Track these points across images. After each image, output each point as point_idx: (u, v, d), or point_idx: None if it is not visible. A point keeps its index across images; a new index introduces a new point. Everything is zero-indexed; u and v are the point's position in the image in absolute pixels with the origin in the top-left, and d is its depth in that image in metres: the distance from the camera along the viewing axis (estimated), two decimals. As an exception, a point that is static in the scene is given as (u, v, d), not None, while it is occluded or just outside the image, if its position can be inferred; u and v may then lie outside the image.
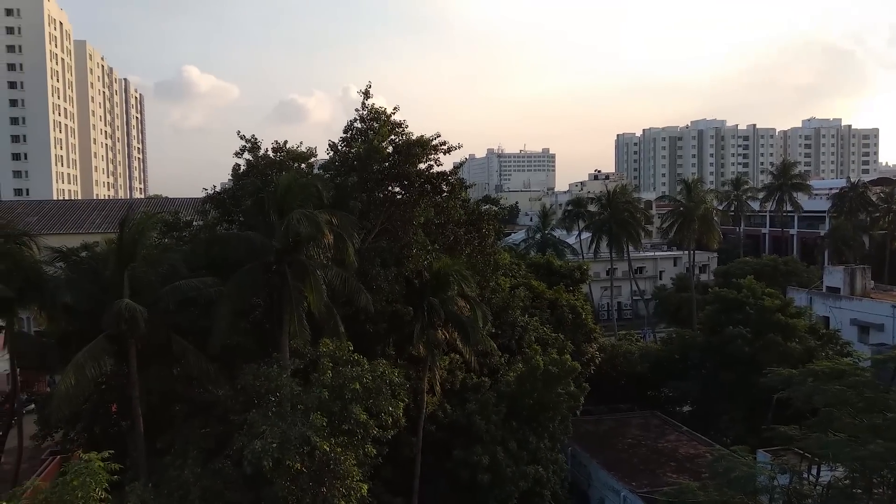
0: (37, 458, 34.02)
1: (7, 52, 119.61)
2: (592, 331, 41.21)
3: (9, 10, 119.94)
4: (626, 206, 73.23)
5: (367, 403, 21.94)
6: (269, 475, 19.33)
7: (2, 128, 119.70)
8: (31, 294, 25.29)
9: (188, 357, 22.50)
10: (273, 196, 24.39)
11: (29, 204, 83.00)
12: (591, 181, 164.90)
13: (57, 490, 9.35)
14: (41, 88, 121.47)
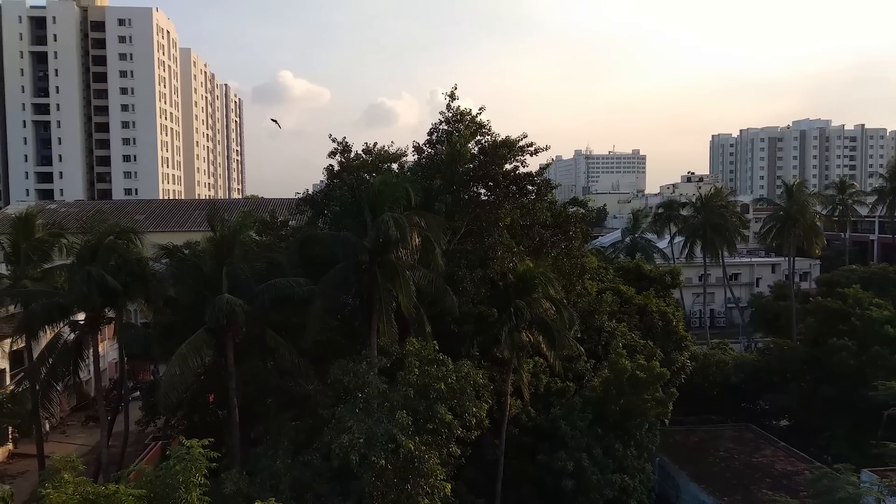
0: (140, 443, 36.19)
1: (119, 59, 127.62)
2: (683, 338, 39.86)
3: (121, 21, 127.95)
4: (721, 209, 70.37)
5: (451, 403, 22.06)
6: (356, 470, 19.78)
7: (114, 131, 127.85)
8: (138, 288, 26.88)
9: (281, 351, 23.30)
10: (365, 197, 24.96)
11: (137, 203, 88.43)
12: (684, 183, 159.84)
13: (161, 474, 9.89)
14: (149, 94, 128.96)
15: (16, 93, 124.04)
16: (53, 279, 28.36)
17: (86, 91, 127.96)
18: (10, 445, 37.09)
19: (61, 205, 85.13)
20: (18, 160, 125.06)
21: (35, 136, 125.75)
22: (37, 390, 27.19)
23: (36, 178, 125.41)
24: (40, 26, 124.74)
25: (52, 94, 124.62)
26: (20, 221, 29.71)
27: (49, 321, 26.24)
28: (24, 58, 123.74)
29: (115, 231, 27.65)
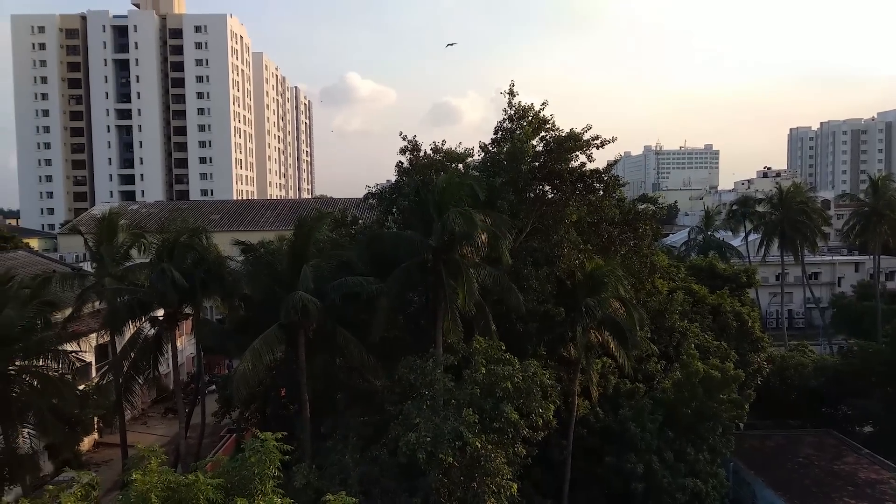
0: (216, 434, 37.47)
1: (196, 65, 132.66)
2: (760, 339, 38.43)
3: (198, 27, 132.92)
4: (800, 205, 67.50)
5: (517, 403, 21.95)
6: (423, 466, 19.91)
7: (191, 134, 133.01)
8: (215, 285, 27.85)
9: (350, 348, 23.69)
10: (431, 195, 25.09)
11: (213, 203, 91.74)
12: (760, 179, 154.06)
13: (237, 465, 10.21)
14: (224, 98, 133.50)
15: (100, 99, 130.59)
16: (134, 277, 29.68)
17: (165, 96, 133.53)
18: (96, 435, 39.01)
19: (142, 205, 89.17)
20: (103, 163, 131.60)
21: (118, 140, 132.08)
22: (120, 383, 28.52)
23: (119, 180, 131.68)
24: (122, 35, 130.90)
25: (134, 99, 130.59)
26: (104, 222, 31.13)
27: (131, 317, 27.52)
28: (108, 65, 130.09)
29: (191, 230, 28.69)
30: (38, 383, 22.56)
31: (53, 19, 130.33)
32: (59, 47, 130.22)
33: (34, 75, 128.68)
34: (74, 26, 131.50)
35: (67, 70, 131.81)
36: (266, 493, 9.65)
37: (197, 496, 8.72)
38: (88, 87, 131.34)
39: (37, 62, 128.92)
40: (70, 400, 23.81)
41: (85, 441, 36.74)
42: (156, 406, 46.25)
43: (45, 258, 56.22)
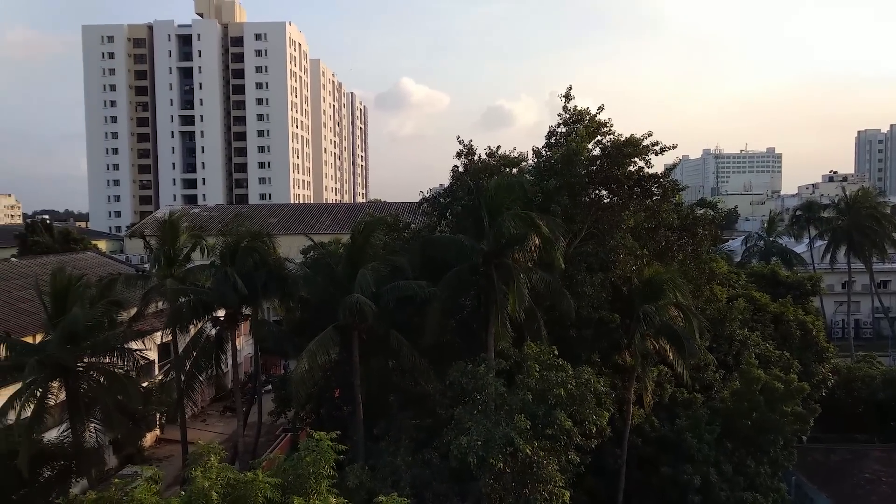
0: (272, 433, 38.21)
1: (256, 72, 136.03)
2: (825, 350, 37.06)
3: (258, 35, 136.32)
4: (869, 210, 64.82)
5: (570, 410, 21.70)
6: (474, 471, 19.88)
7: (251, 140, 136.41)
8: (273, 287, 28.48)
9: (403, 351, 23.86)
10: (483, 199, 25.08)
11: (271, 207, 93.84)
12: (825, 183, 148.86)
13: (292, 464, 10.41)
14: (282, 104, 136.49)
15: (165, 106, 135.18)
16: (195, 278, 30.58)
17: (226, 103, 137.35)
18: (158, 431, 40.30)
19: (203, 209, 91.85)
20: (167, 168, 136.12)
21: (182, 145, 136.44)
22: (182, 380, 29.40)
23: (182, 184, 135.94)
24: (186, 44, 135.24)
25: (197, 106, 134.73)
26: (166, 225, 32.19)
27: (195, 317, 28.39)
28: (173, 73, 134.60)
29: (253, 234, 29.42)
30: (104, 380, 23.40)
31: (122, 29, 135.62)
32: (126, 56, 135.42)
33: (104, 83, 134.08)
34: (141, 36, 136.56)
35: (135, 78, 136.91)
36: (321, 493, 9.80)
37: (255, 494, 8.93)
38: (154, 95, 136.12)
39: (106, 71, 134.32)
40: (134, 396, 24.63)
41: (147, 437, 38.01)
42: (214, 404, 47.46)
43: (112, 259, 58.52)
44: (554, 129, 31.76)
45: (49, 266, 33.90)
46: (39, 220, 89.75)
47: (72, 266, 38.04)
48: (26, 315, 34.01)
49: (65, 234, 74.20)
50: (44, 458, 22.18)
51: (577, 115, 31.01)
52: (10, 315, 35.24)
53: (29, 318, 33.33)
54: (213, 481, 8.63)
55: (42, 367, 21.22)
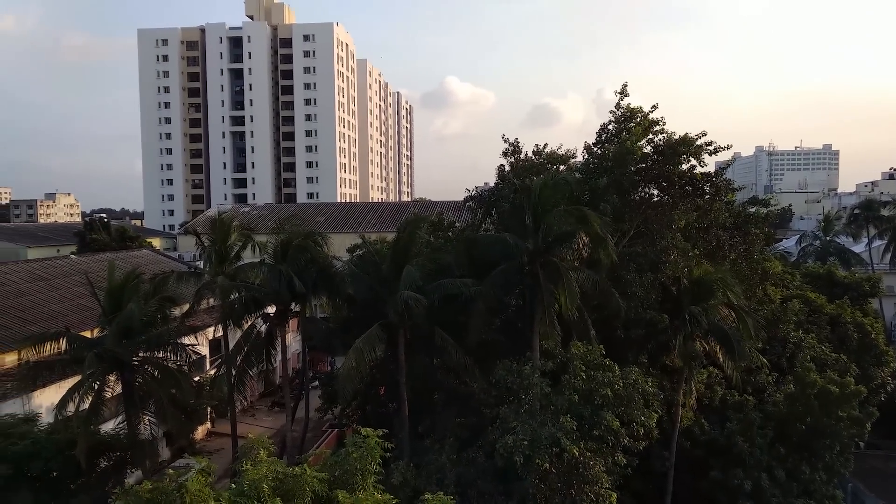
0: (318, 429, 38.71)
1: (304, 73, 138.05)
2: (884, 353, 35.74)
3: (306, 36, 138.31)
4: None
5: (618, 411, 21.41)
6: (520, 471, 19.78)
7: (299, 140, 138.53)
8: (322, 285, 28.88)
9: (448, 349, 23.89)
10: (529, 198, 24.93)
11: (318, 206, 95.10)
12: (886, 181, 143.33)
13: (339, 460, 10.52)
14: (329, 104, 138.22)
15: (216, 106, 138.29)
16: (245, 276, 31.17)
17: (275, 103, 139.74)
18: (209, 425, 41.24)
19: (253, 208, 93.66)
20: (218, 167, 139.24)
21: (232, 145, 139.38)
22: (233, 375, 30.02)
23: (233, 183, 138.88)
24: (237, 46, 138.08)
25: (247, 106, 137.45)
26: (218, 223, 32.88)
27: (246, 313, 28.99)
28: (224, 75, 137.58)
29: (304, 233, 29.88)
30: (158, 374, 24.01)
31: (176, 32, 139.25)
32: (180, 59, 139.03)
33: (158, 85, 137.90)
34: (194, 39, 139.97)
35: (187, 80, 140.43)
36: (367, 489, 9.88)
37: (304, 488, 9.07)
38: (206, 96, 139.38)
39: (160, 73, 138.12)
40: (187, 390, 25.22)
41: (199, 430, 38.90)
42: (263, 399, 48.33)
43: (166, 256, 60.18)
44: (605, 127, 31.42)
45: (106, 263, 34.99)
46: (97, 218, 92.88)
47: (127, 263, 39.27)
48: (85, 310, 35.14)
49: (121, 232, 76.60)
50: (101, 448, 22.90)
51: (630, 112, 30.60)
52: (69, 310, 36.55)
53: (87, 314, 34.42)
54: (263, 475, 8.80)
55: (99, 360, 21.90)
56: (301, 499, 9.04)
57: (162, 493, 8.68)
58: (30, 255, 71.26)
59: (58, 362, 22.93)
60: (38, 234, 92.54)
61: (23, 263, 46.33)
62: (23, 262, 49.01)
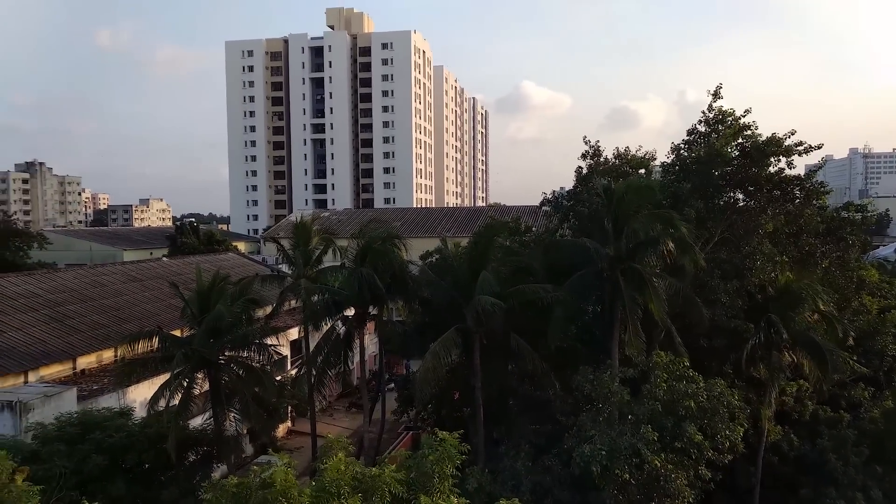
0: (394, 431, 39.13)
1: (382, 80, 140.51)
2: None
3: (384, 45, 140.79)
4: None
5: (701, 423, 20.74)
6: (597, 480, 19.41)
7: (377, 146, 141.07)
8: (399, 288, 29.26)
9: (524, 355, 23.72)
10: (609, 202, 24.50)
11: (394, 211, 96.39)
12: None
13: (416, 462, 10.60)
14: (406, 110, 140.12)
15: (298, 115, 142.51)
16: (325, 279, 31.93)
17: (354, 111, 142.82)
18: (289, 423, 42.37)
19: (332, 213, 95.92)
20: (300, 174, 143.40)
21: (313, 152, 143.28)
22: (313, 376, 30.78)
23: (313, 189, 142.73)
24: (318, 55, 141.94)
25: (327, 114, 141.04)
26: (299, 228, 33.84)
27: (326, 315, 29.71)
28: (306, 84, 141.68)
29: (384, 237, 30.39)
30: (243, 372, 24.88)
31: (261, 44, 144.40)
32: (264, 69, 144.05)
33: (243, 95, 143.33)
34: (278, 49, 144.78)
35: (271, 89, 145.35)
36: (444, 492, 9.91)
37: (382, 489, 9.19)
38: (288, 105, 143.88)
39: (246, 83, 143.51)
40: (270, 389, 26.02)
41: (280, 428, 40.04)
42: (341, 400, 49.28)
43: (250, 260, 62.41)
44: (694, 128, 30.57)
45: (195, 265, 36.62)
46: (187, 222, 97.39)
47: (214, 266, 40.91)
48: (175, 310, 36.71)
49: (209, 236, 79.98)
50: (189, 443, 23.87)
51: (721, 115, 29.66)
52: (161, 310, 38.39)
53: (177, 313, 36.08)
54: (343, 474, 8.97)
55: (188, 359, 22.87)
56: (380, 499, 9.17)
57: (247, 488, 8.98)
58: (125, 257, 75.35)
59: (150, 360, 24.12)
60: (133, 237, 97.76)
61: (119, 265, 49.09)
62: (119, 263, 51.92)
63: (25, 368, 28.21)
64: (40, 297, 35.57)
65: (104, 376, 30.41)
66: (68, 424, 21.62)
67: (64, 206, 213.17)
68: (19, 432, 22.58)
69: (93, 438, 20.86)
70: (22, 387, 26.61)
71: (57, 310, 34.62)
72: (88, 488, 19.00)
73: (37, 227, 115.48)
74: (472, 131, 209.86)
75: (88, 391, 27.79)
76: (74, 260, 70.23)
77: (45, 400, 24.20)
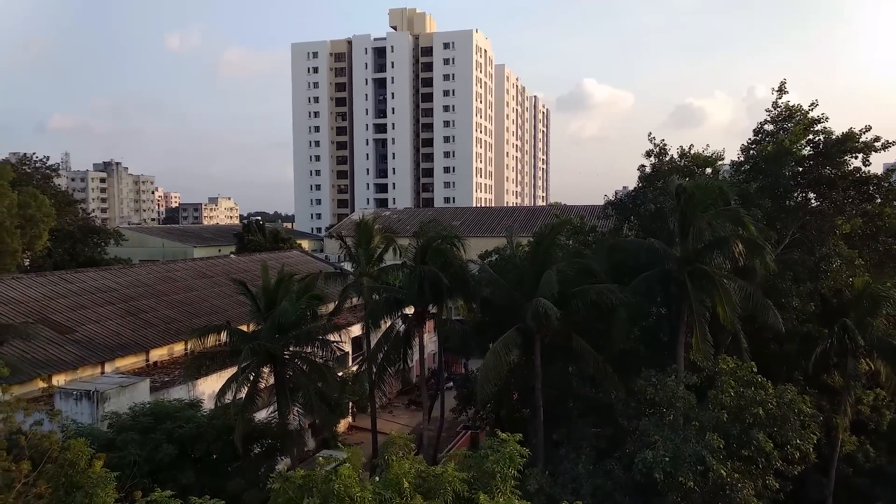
0: (452, 430, 39.24)
1: (443, 80, 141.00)
2: None
3: (446, 44, 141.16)
4: None
5: (770, 431, 20.04)
6: (660, 487, 19.02)
7: (437, 145, 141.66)
8: (459, 287, 29.33)
9: (586, 357, 23.43)
10: (675, 202, 23.94)
11: (454, 210, 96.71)
12: None
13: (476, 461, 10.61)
14: (467, 110, 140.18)
15: (361, 115, 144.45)
16: (386, 277, 32.28)
17: (415, 111, 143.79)
18: (350, 418, 43.02)
19: (393, 212, 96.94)
20: (361, 173, 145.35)
21: (375, 152, 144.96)
22: (373, 372, 31.18)
23: (375, 188, 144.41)
24: (381, 56, 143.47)
25: (389, 114, 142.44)
26: (361, 227, 34.31)
27: (388, 313, 30.06)
28: (368, 84, 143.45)
29: (444, 236, 30.52)
30: (306, 367, 25.43)
31: (325, 45, 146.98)
32: (328, 70, 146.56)
33: (308, 96, 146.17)
34: (342, 51, 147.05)
35: (335, 90, 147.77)
36: (505, 493, 9.89)
37: (444, 487, 9.24)
38: (351, 105, 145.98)
39: (310, 84, 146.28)
40: (332, 384, 26.48)
41: (341, 423, 40.71)
42: (400, 397, 49.75)
43: (313, 257, 63.67)
44: (761, 127, 29.62)
45: (260, 262, 37.57)
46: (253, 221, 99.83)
47: (279, 263, 41.88)
48: (242, 305, 37.81)
49: (274, 234, 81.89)
50: (254, 435, 24.51)
51: (788, 111, 28.63)
52: (229, 305, 39.57)
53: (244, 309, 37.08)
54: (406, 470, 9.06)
55: (255, 353, 23.49)
56: (442, 497, 9.21)
57: (312, 481, 9.18)
58: (195, 254, 78.04)
59: (219, 353, 24.87)
60: (203, 235, 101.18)
61: (189, 262, 50.85)
62: (189, 260, 53.79)
63: (102, 360, 29.55)
64: (117, 291, 37.17)
65: (175, 368, 31.55)
66: (141, 414, 22.50)
67: (138, 204, 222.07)
68: (96, 421, 23.64)
69: (164, 428, 21.65)
70: (99, 377, 27.87)
71: (132, 304, 36.11)
72: (160, 476, 19.71)
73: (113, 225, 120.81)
74: (533, 130, 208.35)
75: (160, 383, 28.89)
76: (148, 256, 73.22)
77: (121, 390, 25.27)
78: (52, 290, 34.50)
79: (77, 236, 65.93)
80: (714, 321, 22.97)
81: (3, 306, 30.66)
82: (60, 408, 22.27)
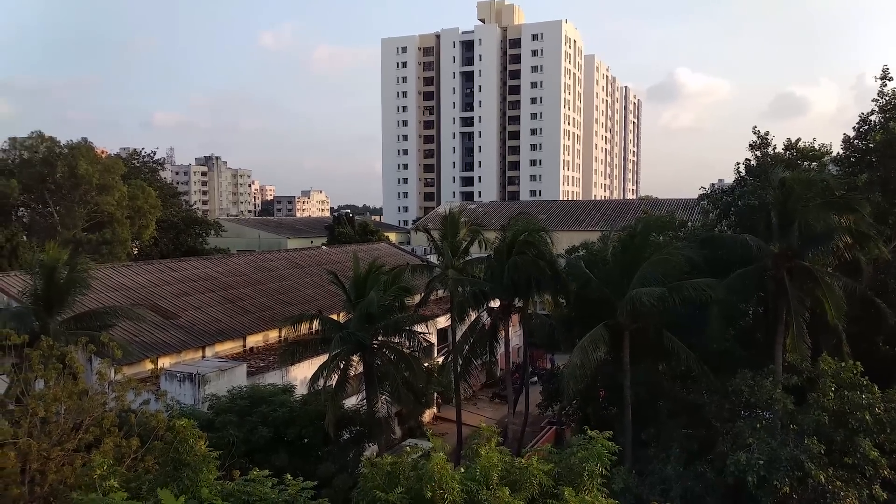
0: (536, 425, 39.08)
1: (531, 72, 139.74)
2: None
3: (534, 36, 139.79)
4: None
5: (878, 438, 18.90)
6: (753, 491, 18.33)
7: (524, 138, 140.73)
8: (546, 282, 29.15)
9: (678, 354, 22.80)
10: (774, 195, 22.87)
11: (540, 204, 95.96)
12: None
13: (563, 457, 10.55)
14: (555, 101, 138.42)
15: (448, 109, 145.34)
16: (472, 269, 32.43)
17: (502, 104, 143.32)
18: (435, 409, 43.60)
19: (479, 205, 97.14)
20: (448, 166, 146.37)
21: (461, 145, 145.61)
22: (459, 364, 31.47)
23: (461, 182, 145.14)
24: (468, 49, 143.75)
25: (476, 108, 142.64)
26: (447, 219, 34.59)
27: (474, 306, 30.26)
28: (456, 78, 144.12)
29: (530, 229, 30.40)
30: (394, 357, 25.98)
31: (414, 40, 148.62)
32: (417, 64, 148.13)
33: (397, 90, 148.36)
34: (430, 45, 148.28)
35: (423, 84, 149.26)
36: (592, 490, 9.80)
37: (530, 480, 9.26)
38: (439, 99, 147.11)
39: (399, 79, 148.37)
40: (419, 375, 26.94)
41: (426, 413, 41.32)
42: (484, 390, 49.95)
43: (401, 250, 64.74)
44: (866, 117, 27.87)
45: (350, 254, 38.58)
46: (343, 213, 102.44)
47: (368, 255, 42.88)
48: (333, 295, 39.00)
49: (363, 227, 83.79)
50: (344, 421, 25.28)
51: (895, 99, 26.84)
52: (320, 295, 40.86)
53: (335, 299, 38.23)
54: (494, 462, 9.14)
55: (345, 342, 24.21)
56: (528, 490, 9.24)
57: (401, 468, 9.41)
58: (289, 245, 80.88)
59: (311, 341, 25.78)
60: (296, 226, 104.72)
61: (283, 252, 52.81)
62: (284, 251, 55.85)
63: (203, 344, 31.21)
64: (216, 279, 39.09)
65: (269, 354, 32.91)
66: (239, 397, 23.63)
67: (236, 197, 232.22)
68: (197, 402, 25.03)
69: (260, 411, 22.65)
70: (200, 361, 29.46)
71: (230, 292, 37.89)
72: (255, 457, 20.64)
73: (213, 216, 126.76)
74: (623, 121, 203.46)
75: (256, 368, 30.23)
76: (244, 246, 76.52)
77: (220, 374, 26.63)
78: (158, 277, 36.66)
79: (181, 227, 69.76)
80: (814, 321, 21.85)
81: (114, 292, 32.85)
82: (165, 388, 23.68)
